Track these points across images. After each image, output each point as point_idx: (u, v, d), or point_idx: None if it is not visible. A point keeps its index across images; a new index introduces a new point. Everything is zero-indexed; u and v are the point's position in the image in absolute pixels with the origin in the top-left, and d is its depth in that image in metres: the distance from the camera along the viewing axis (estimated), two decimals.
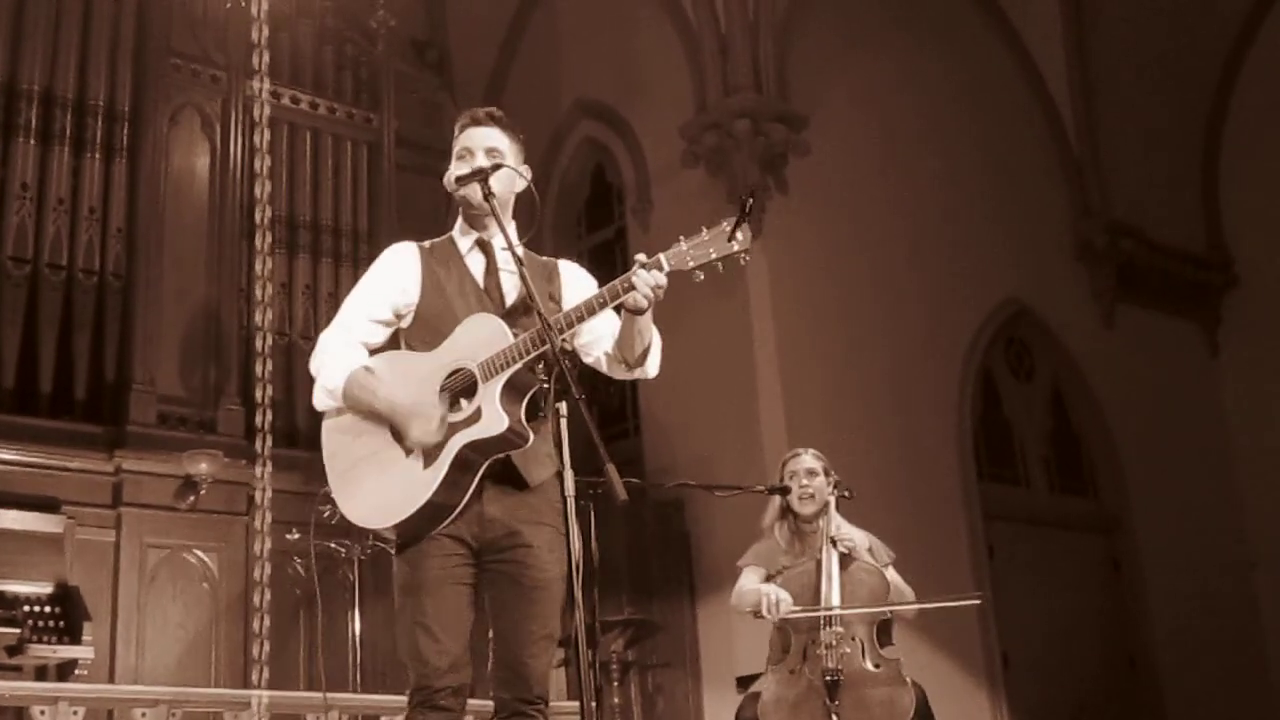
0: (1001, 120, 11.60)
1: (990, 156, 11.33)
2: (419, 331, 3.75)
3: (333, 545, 7.43)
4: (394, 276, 3.79)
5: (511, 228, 3.84)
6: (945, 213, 10.75)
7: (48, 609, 6.85)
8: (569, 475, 3.33)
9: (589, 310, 3.57)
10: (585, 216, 11.53)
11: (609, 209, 11.27)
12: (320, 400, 3.72)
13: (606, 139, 11.11)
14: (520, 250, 3.72)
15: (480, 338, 3.60)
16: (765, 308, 9.45)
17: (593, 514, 4.63)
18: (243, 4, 8.25)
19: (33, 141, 7.91)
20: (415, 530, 3.55)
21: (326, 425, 3.74)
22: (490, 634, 3.64)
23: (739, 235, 3.54)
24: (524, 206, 4.08)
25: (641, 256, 3.60)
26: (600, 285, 3.68)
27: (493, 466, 3.57)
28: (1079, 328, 11.81)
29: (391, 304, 3.76)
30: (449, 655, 3.53)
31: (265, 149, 7.62)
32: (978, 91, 11.43)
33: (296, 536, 7.28)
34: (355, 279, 4.04)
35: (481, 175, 3.74)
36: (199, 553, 7.69)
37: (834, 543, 5.22)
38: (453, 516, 3.55)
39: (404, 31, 10.02)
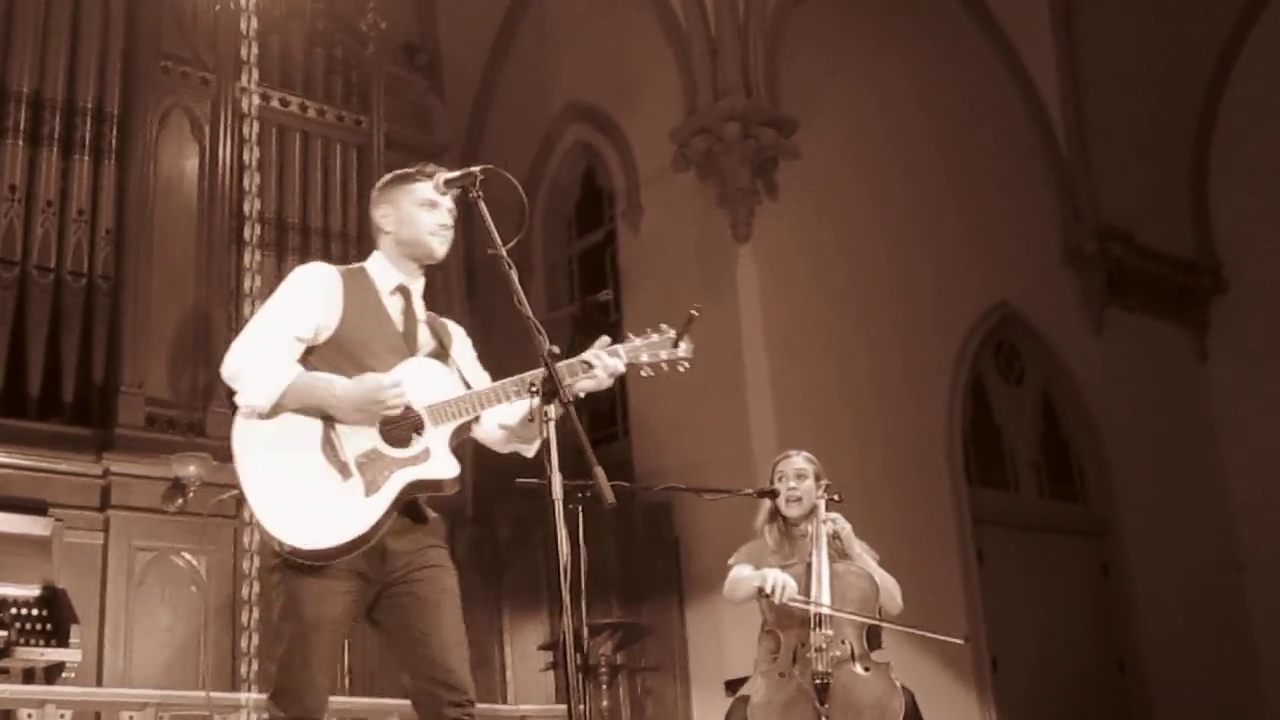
0: (991, 125, 11.63)
1: (980, 161, 11.35)
2: (330, 356, 3.73)
3: None
4: (318, 296, 3.76)
5: (422, 281, 3.96)
6: (935, 217, 10.76)
7: (35, 612, 6.83)
8: (557, 478, 3.32)
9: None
10: (575, 220, 11.54)
11: (599, 212, 11.28)
12: (253, 399, 3.59)
13: (597, 142, 11.11)
14: (423, 306, 3.92)
15: (425, 382, 3.71)
16: (755, 311, 9.45)
17: (581, 517, 4.64)
18: (232, 6, 8.25)
19: (21, 143, 7.88)
20: (329, 556, 3.54)
21: (246, 429, 3.61)
22: (399, 653, 3.70)
23: (681, 346, 3.79)
24: (514, 209, 4.08)
25: (605, 340, 3.79)
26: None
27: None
28: (1068, 332, 11.83)
29: (315, 324, 3.73)
30: (326, 694, 3.65)
31: (254, 139, 7.63)
32: (967, 96, 11.45)
33: None
34: None
35: (471, 178, 3.74)
36: (187, 555, 7.66)
37: (825, 544, 5.23)
38: (364, 549, 3.57)
39: (394, 34, 10.01)
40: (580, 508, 4.68)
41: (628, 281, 10.41)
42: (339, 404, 3.58)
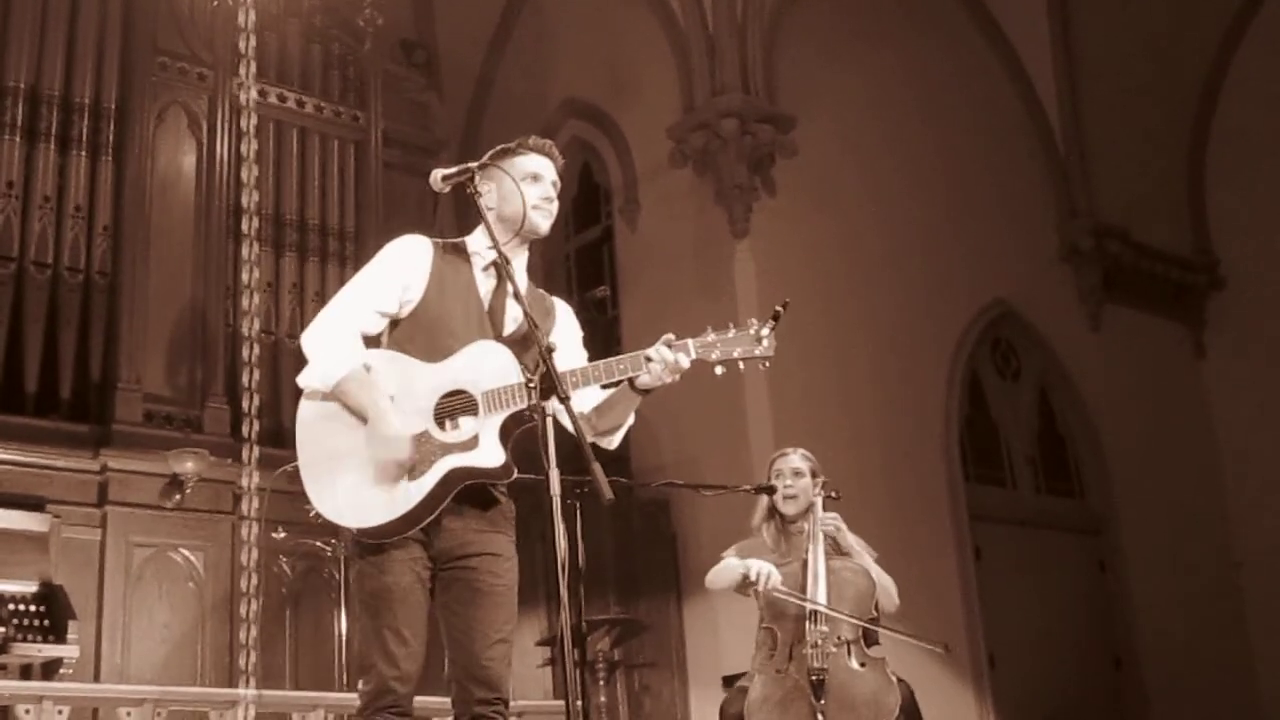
0: (989, 122, 11.63)
1: (977, 158, 11.35)
2: (409, 330, 3.72)
3: (318, 544, 7.42)
4: (404, 269, 3.74)
5: (524, 256, 3.81)
6: (932, 214, 10.76)
7: (33, 608, 6.82)
8: (555, 474, 3.32)
9: (607, 374, 3.61)
10: (573, 216, 11.52)
11: (596, 209, 11.27)
12: (311, 380, 3.63)
13: (594, 139, 11.10)
14: (527, 283, 3.70)
15: (487, 367, 3.59)
16: (752, 308, 9.42)
17: (579, 513, 4.64)
18: (230, 2, 8.24)
19: (18, 139, 7.87)
20: (383, 534, 3.53)
21: (308, 406, 3.65)
22: (443, 637, 3.64)
23: (764, 342, 3.64)
24: None
25: (670, 337, 3.62)
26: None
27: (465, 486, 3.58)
28: (1065, 329, 11.84)
29: (398, 297, 3.72)
30: (417, 660, 3.57)
31: (252, 132, 7.64)
32: (964, 93, 11.46)
33: (282, 535, 7.27)
34: (342, 278, 4.01)
35: (468, 173, 3.73)
36: (185, 551, 7.66)
37: (822, 541, 5.24)
38: (421, 525, 3.55)
39: (392, 31, 10.01)
40: (578, 504, 4.69)
41: (625, 278, 10.42)
42: (374, 416, 3.54)
